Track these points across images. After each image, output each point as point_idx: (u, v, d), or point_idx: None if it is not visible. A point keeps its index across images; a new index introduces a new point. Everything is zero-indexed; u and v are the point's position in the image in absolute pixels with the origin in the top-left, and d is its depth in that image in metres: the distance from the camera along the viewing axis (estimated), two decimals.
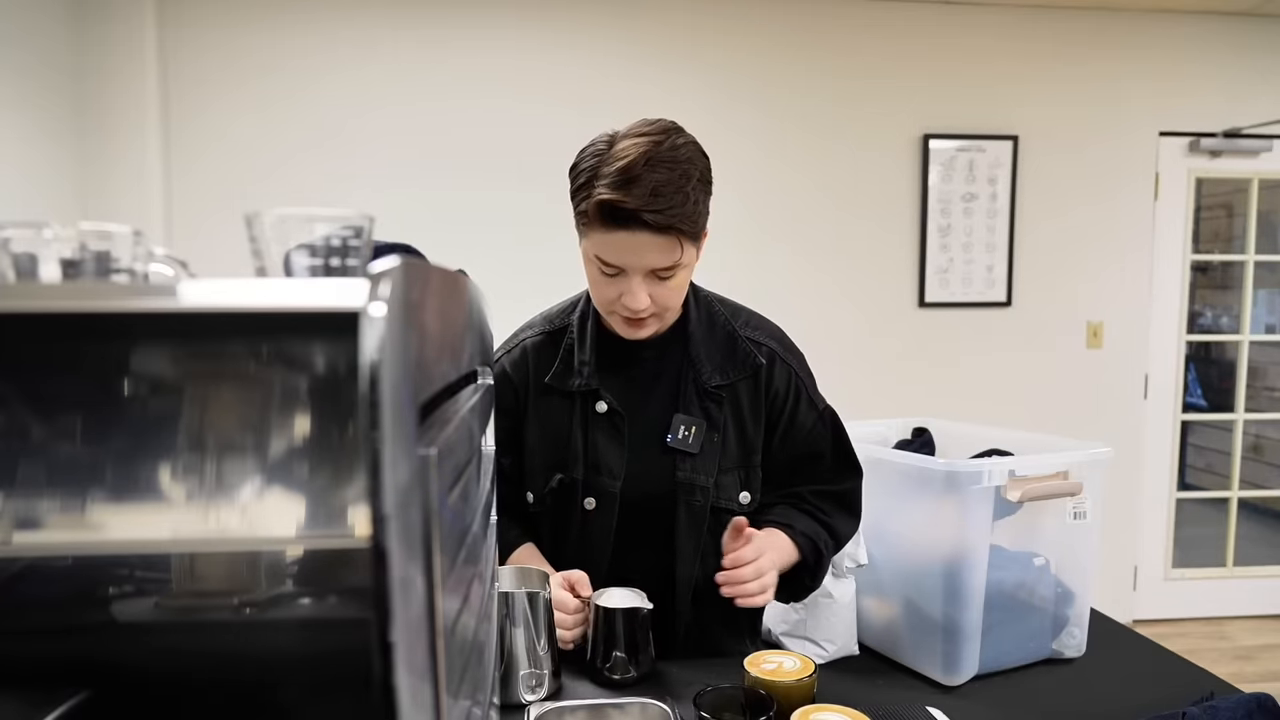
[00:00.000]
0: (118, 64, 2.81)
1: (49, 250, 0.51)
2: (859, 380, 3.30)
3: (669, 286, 1.09)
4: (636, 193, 1.00)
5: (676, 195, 1.02)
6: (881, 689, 1.14)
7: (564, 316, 1.26)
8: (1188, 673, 1.18)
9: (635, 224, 1.01)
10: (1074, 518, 1.23)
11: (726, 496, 1.20)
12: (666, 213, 1.01)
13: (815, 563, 1.18)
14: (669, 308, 1.13)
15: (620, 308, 1.10)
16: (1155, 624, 3.54)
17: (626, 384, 1.21)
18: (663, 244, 1.04)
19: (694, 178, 1.04)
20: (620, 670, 1.09)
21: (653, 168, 1.01)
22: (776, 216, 3.25)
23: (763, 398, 1.21)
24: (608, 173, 1.02)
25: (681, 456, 1.18)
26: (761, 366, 1.20)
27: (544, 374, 1.22)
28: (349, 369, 0.54)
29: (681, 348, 1.21)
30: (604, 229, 1.04)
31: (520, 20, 3.06)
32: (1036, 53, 3.35)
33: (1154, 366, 3.53)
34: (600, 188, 1.02)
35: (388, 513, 0.38)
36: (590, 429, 1.20)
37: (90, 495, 0.54)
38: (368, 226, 0.52)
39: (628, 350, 1.21)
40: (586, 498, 1.19)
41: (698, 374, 1.19)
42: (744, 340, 1.22)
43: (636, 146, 1.02)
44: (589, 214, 1.05)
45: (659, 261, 1.06)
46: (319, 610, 0.62)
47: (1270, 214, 3.63)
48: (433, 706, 0.44)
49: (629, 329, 1.15)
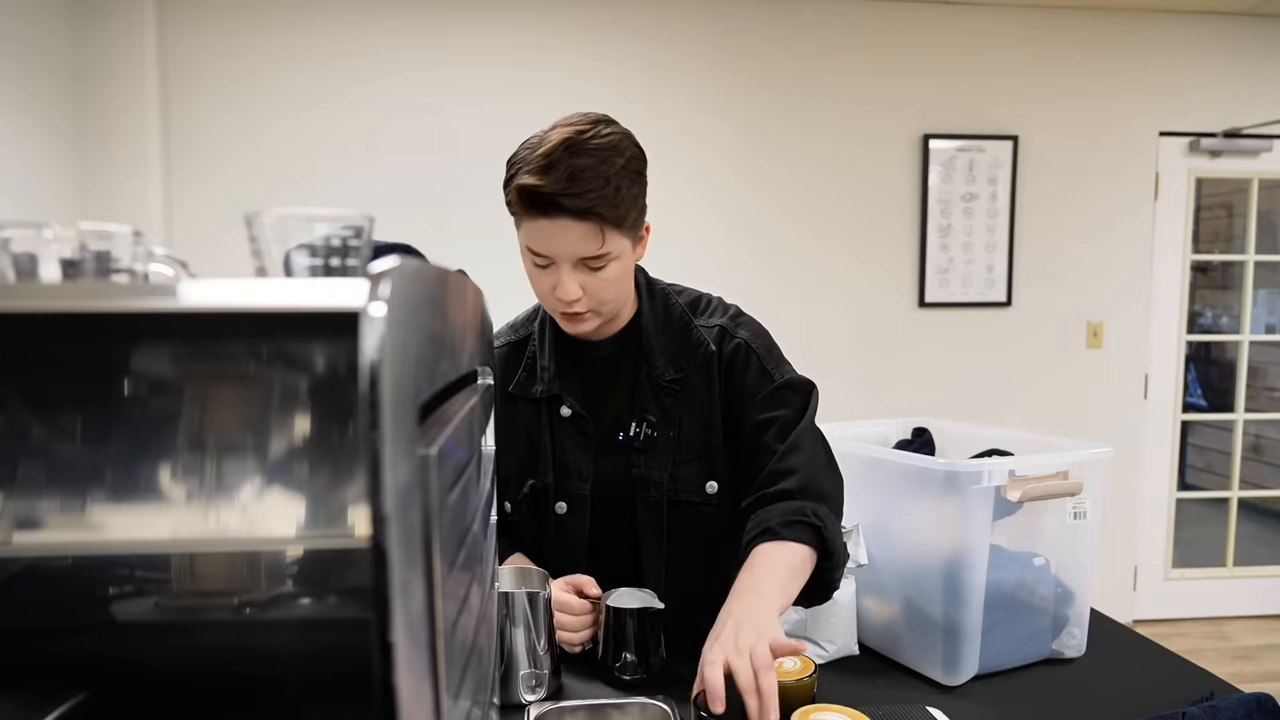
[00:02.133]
0: (118, 63, 2.81)
1: (49, 250, 0.51)
2: (859, 380, 3.30)
3: (601, 278, 1.09)
4: (554, 177, 1.01)
5: (595, 179, 1.02)
6: (881, 689, 1.14)
7: (527, 325, 1.28)
8: (1188, 673, 1.18)
9: (554, 209, 1.03)
10: (1074, 518, 1.23)
11: (686, 489, 1.19)
12: (585, 196, 1.02)
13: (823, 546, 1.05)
14: (604, 300, 1.12)
15: (554, 301, 1.11)
16: (1155, 624, 3.54)
17: (586, 385, 1.22)
18: (585, 230, 1.04)
19: (617, 165, 1.04)
20: (632, 671, 1.09)
21: (573, 154, 1.02)
22: (776, 217, 3.25)
23: (716, 381, 1.19)
24: (530, 159, 1.04)
25: (635, 453, 1.19)
26: (712, 354, 1.19)
27: (509, 383, 1.24)
28: (349, 369, 0.54)
29: (636, 344, 1.21)
30: (527, 216, 1.06)
31: (520, 20, 3.06)
32: (1036, 53, 3.35)
33: (1154, 366, 3.53)
34: (523, 174, 1.04)
35: (388, 513, 0.38)
36: (557, 434, 1.21)
37: (90, 495, 0.54)
38: (368, 226, 0.52)
39: (585, 351, 1.22)
40: (558, 502, 1.20)
41: (651, 369, 1.19)
42: (696, 329, 1.21)
43: (559, 134, 1.04)
44: (513, 202, 1.07)
45: (584, 249, 1.06)
46: (319, 610, 0.62)
47: (1270, 214, 3.63)
48: (433, 706, 0.44)
49: (568, 324, 1.15)
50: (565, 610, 1.12)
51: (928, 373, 3.37)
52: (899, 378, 3.36)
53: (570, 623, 1.11)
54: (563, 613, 1.11)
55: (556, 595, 1.12)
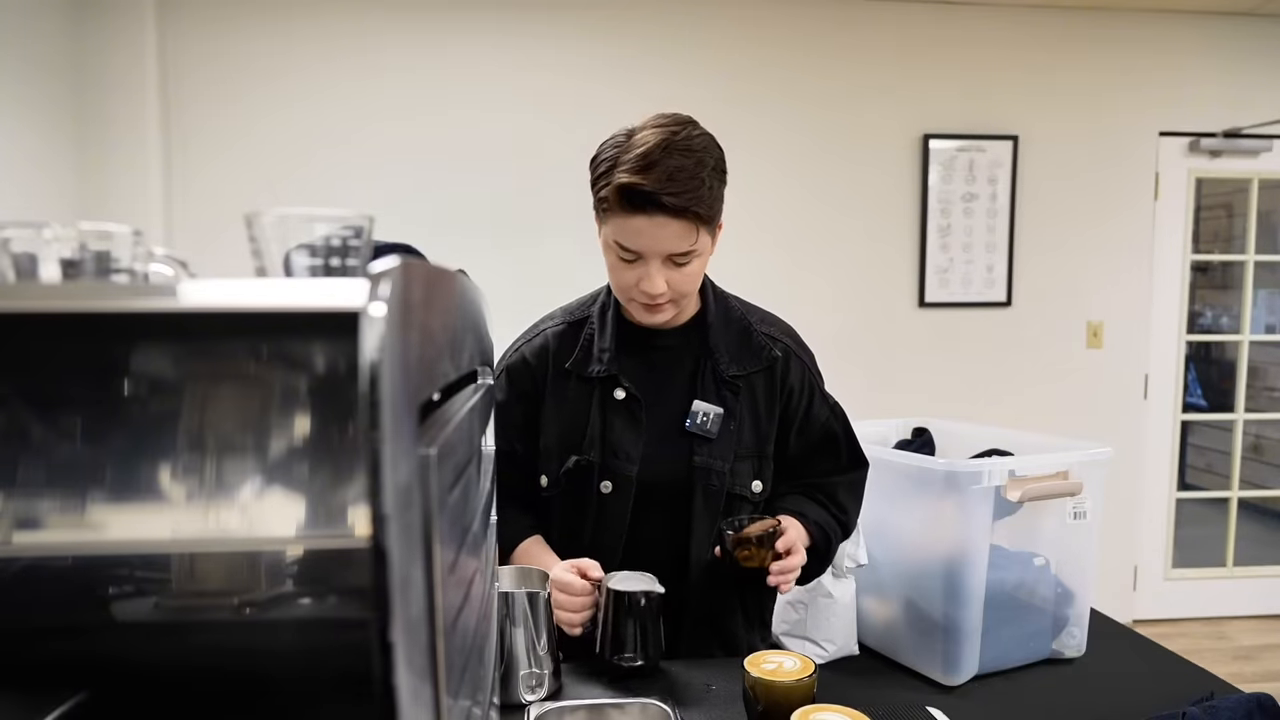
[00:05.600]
0: (118, 63, 2.81)
1: (49, 250, 0.51)
2: (859, 380, 3.30)
3: (685, 273, 1.13)
4: (654, 176, 1.05)
5: (692, 180, 1.07)
6: (881, 689, 1.14)
7: (584, 309, 1.30)
8: (1188, 673, 1.18)
9: (653, 207, 1.06)
10: (1074, 518, 1.23)
11: (740, 483, 1.22)
12: (682, 196, 1.06)
13: (825, 550, 1.22)
14: (685, 294, 1.17)
15: (638, 293, 1.14)
16: (1155, 624, 3.54)
17: (645, 372, 1.23)
18: (679, 228, 1.08)
19: (709, 165, 1.10)
20: (629, 656, 1.08)
21: (669, 154, 1.07)
22: (776, 217, 3.25)
23: (778, 391, 1.24)
24: (627, 159, 1.07)
25: (699, 441, 1.20)
26: (777, 360, 1.24)
27: (564, 360, 1.24)
28: (349, 369, 0.54)
29: (700, 339, 1.24)
30: (623, 213, 1.09)
31: (520, 21, 3.06)
32: (1036, 53, 3.35)
33: (1154, 366, 3.53)
34: (620, 173, 1.07)
35: (388, 513, 0.38)
36: (608, 414, 1.21)
37: (90, 495, 0.54)
38: (367, 226, 0.52)
39: (647, 339, 1.24)
40: (603, 481, 1.20)
41: (715, 363, 1.22)
42: (759, 334, 1.25)
43: (654, 135, 1.08)
44: (609, 200, 1.09)
45: (675, 246, 1.10)
46: (319, 610, 0.62)
47: (1270, 214, 3.63)
48: (433, 706, 0.44)
49: (647, 314, 1.18)
50: (565, 590, 1.11)
51: (928, 373, 3.37)
52: (899, 378, 3.36)
53: (569, 603, 1.11)
54: (562, 593, 1.11)
55: (557, 575, 1.12)
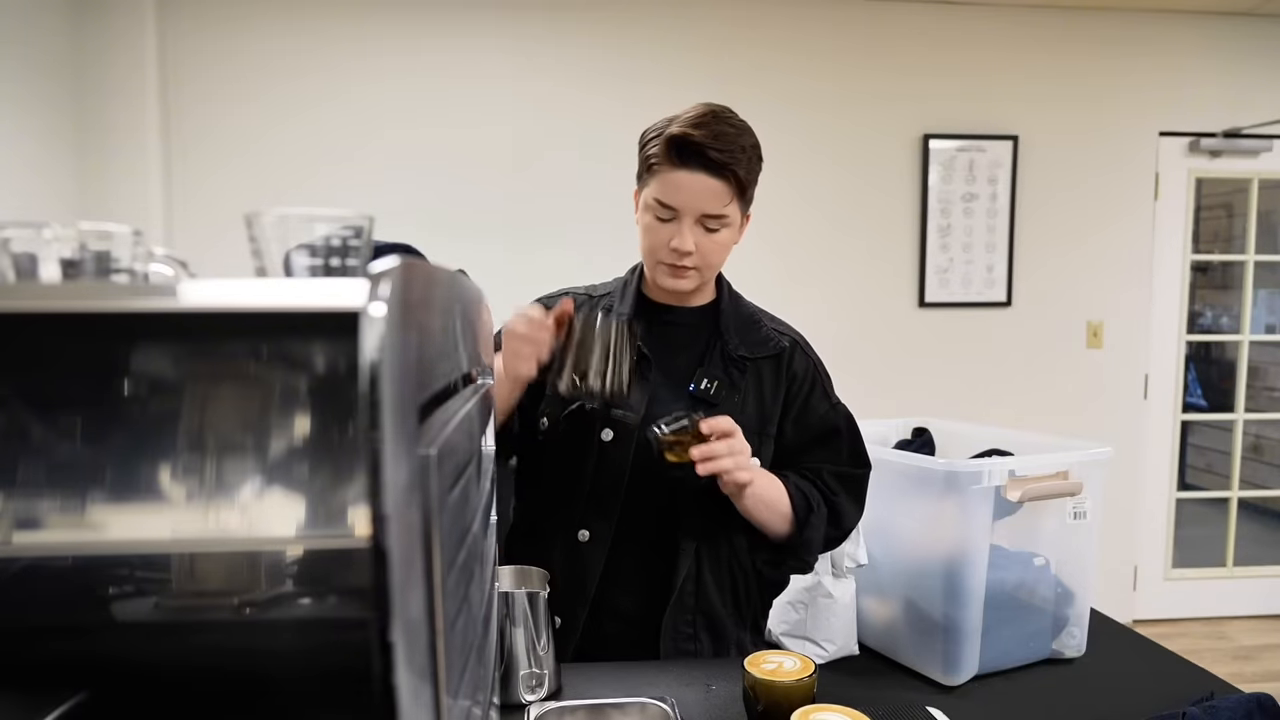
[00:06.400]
0: (118, 63, 2.81)
1: (49, 250, 0.51)
2: (859, 380, 3.29)
3: (714, 240, 1.19)
4: (703, 132, 1.14)
5: (735, 143, 1.16)
6: (881, 689, 1.14)
7: (605, 288, 1.36)
8: (1188, 673, 1.18)
9: (697, 160, 1.14)
10: (1074, 517, 1.23)
11: None
12: (725, 153, 1.14)
13: (805, 518, 1.19)
14: (710, 265, 1.22)
15: (667, 254, 1.19)
16: (1155, 624, 3.54)
17: (658, 339, 1.26)
18: (718, 188, 1.15)
19: (751, 141, 1.20)
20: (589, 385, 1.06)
21: (718, 120, 1.17)
22: (776, 217, 3.25)
23: (783, 378, 1.27)
24: (679, 119, 1.17)
25: (703, 405, 1.22)
26: (784, 350, 1.28)
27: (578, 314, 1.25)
28: (349, 369, 0.54)
29: (712, 322, 1.29)
30: (669, 167, 1.15)
31: (520, 22, 3.06)
32: (1036, 53, 3.35)
33: (1154, 366, 3.53)
34: (674, 126, 1.16)
35: (388, 513, 0.38)
36: None
37: (90, 495, 0.54)
38: (367, 226, 0.52)
39: (663, 313, 1.29)
40: (604, 429, 1.22)
41: (725, 344, 1.26)
42: (768, 328, 1.31)
43: (704, 107, 1.19)
44: (658, 153, 1.16)
45: (711, 205, 1.16)
46: (319, 610, 0.62)
47: (1270, 214, 3.63)
48: (433, 706, 0.44)
49: (671, 277, 1.21)
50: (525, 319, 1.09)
51: (927, 373, 3.37)
52: (899, 378, 3.35)
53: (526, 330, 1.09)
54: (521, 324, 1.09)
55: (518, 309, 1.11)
